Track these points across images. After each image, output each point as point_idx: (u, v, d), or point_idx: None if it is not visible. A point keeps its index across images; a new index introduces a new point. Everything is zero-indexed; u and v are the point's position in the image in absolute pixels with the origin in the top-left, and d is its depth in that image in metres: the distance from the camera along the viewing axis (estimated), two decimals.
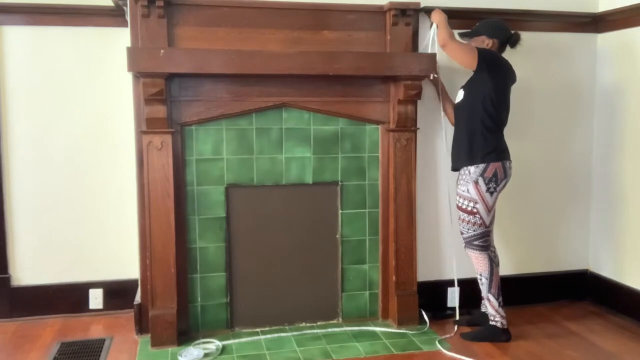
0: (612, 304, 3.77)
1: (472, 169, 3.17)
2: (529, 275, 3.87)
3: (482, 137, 3.15)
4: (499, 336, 3.27)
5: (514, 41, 3.28)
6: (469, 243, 3.25)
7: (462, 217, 3.24)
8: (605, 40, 3.79)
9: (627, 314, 3.64)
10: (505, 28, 3.27)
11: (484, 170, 3.15)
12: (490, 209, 3.20)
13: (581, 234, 3.96)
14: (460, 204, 3.23)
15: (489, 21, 3.30)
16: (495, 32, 3.24)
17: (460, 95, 3.29)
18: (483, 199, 3.16)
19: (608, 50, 3.77)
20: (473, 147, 3.17)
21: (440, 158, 3.62)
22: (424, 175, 3.59)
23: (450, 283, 3.64)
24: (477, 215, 3.18)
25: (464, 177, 3.22)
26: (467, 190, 3.19)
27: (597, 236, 3.92)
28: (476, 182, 3.16)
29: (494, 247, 3.34)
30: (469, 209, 3.19)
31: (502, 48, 3.28)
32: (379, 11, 3.39)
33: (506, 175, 3.20)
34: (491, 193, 3.17)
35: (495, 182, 3.16)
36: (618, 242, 3.75)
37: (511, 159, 3.24)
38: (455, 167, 3.31)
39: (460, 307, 3.58)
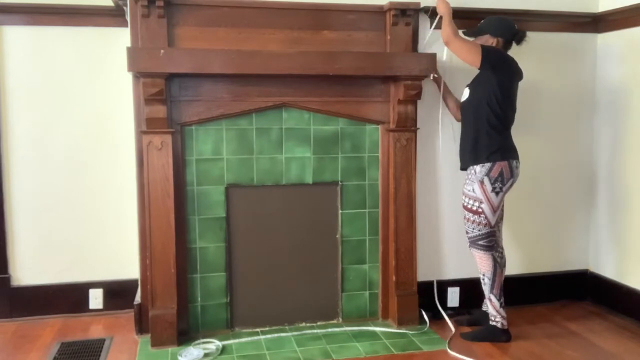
0: (612, 304, 3.77)
1: (477, 168, 3.17)
2: (529, 275, 3.87)
3: (488, 136, 3.14)
4: (499, 336, 3.27)
5: (519, 38, 3.25)
6: (473, 243, 3.24)
7: (467, 216, 3.23)
8: (606, 40, 3.79)
9: (627, 314, 3.64)
10: (510, 26, 3.24)
11: (490, 170, 3.14)
12: (495, 209, 3.19)
13: (581, 234, 3.96)
14: (465, 204, 3.23)
15: (493, 19, 3.27)
16: (499, 30, 3.21)
17: (465, 94, 3.27)
18: (488, 199, 3.16)
19: (608, 51, 3.77)
20: (478, 146, 3.16)
21: (440, 158, 3.62)
22: (424, 175, 3.59)
23: (450, 283, 3.64)
24: (482, 215, 3.18)
25: (470, 176, 3.21)
26: (473, 189, 3.18)
27: (598, 236, 3.92)
28: (481, 182, 3.15)
29: (502, 248, 3.33)
30: (474, 208, 3.18)
31: (507, 45, 3.25)
32: (379, 11, 3.39)
33: (512, 174, 3.18)
34: (497, 193, 3.16)
35: (501, 182, 3.15)
36: (618, 242, 3.75)
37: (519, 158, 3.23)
38: (463, 167, 3.30)
39: (460, 307, 3.58)
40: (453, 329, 3.41)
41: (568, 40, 3.79)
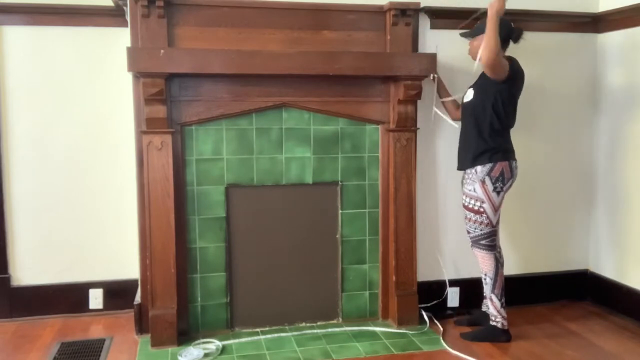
0: (612, 304, 3.77)
1: (479, 168, 3.17)
2: (529, 275, 3.87)
3: (490, 137, 3.14)
4: (499, 336, 3.27)
5: (516, 37, 3.22)
6: (475, 242, 3.25)
7: (468, 216, 3.24)
8: (606, 40, 3.79)
9: (627, 314, 3.64)
10: (506, 25, 3.20)
11: (491, 170, 3.14)
12: (497, 209, 3.19)
13: (581, 234, 3.96)
14: (466, 203, 3.23)
15: None
16: None
17: (469, 95, 3.25)
18: (490, 199, 3.16)
19: (608, 51, 3.77)
20: (480, 147, 3.16)
21: (440, 158, 3.62)
22: (424, 175, 3.59)
23: (450, 283, 3.64)
24: (484, 215, 3.18)
25: (470, 176, 3.21)
26: (474, 189, 3.18)
27: (598, 236, 3.92)
28: (483, 182, 3.16)
29: (500, 248, 3.34)
30: (476, 208, 3.19)
31: (505, 44, 3.25)
32: (379, 11, 3.39)
33: (512, 174, 3.19)
34: (498, 192, 3.17)
35: (502, 182, 3.16)
36: (618, 242, 3.75)
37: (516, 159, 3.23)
38: (462, 167, 3.30)
39: (460, 307, 3.58)
40: (441, 327, 3.42)
41: (568, 40, 3.79)
